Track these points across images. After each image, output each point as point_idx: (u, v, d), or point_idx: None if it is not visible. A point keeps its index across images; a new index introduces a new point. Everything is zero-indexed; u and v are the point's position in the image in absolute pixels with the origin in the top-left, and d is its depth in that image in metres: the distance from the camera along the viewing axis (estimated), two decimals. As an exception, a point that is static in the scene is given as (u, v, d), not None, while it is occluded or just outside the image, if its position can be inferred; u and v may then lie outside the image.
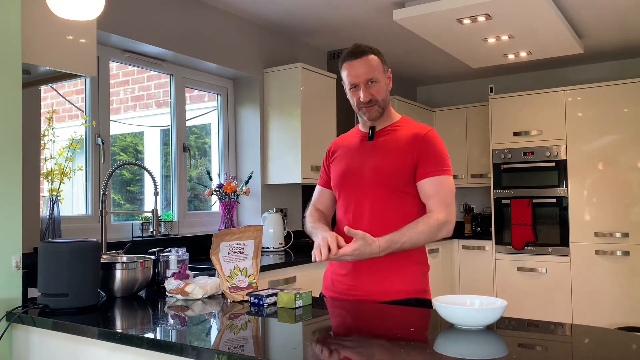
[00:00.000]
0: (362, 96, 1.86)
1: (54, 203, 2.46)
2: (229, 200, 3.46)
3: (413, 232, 1.75)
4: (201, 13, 3.38)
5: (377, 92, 1.87)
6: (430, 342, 1.32)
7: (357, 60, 1.86)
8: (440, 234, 1.79)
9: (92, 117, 2.94)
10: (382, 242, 1.71)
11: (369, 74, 1.85)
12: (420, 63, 4.99)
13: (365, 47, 1.88)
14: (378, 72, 1.87)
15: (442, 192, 1.81)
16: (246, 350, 1.26)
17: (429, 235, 1.77)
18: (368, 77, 1.85)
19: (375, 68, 1.86)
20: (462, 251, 4.98)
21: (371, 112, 1.89)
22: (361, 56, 1.86)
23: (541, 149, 4.62)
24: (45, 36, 1.92)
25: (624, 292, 4.24)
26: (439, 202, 1.80)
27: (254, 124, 3.84)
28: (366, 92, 1.86)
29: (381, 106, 1.89)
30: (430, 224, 1.76)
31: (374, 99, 1.87)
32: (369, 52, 1.87)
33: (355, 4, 3.50)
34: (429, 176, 1.82)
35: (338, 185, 1.97)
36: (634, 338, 1.33)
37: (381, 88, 1.88)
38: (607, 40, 4.34)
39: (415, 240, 1.76)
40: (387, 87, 1.91)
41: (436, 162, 1.82)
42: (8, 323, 1.74)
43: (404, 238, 1.74)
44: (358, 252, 1.69)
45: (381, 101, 1.88)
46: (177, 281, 1.99)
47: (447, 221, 1.79)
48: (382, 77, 1.88)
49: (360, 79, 1.86)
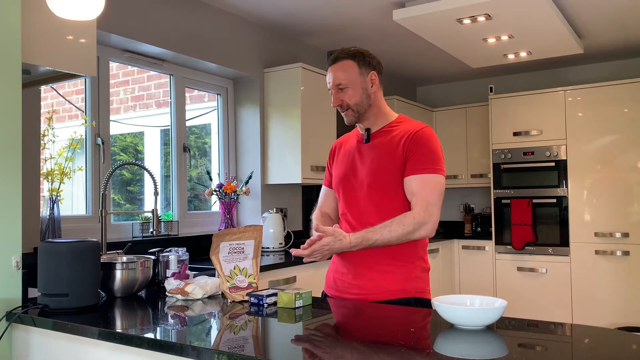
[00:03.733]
0: (332, 102, 1.92)
1: (54, 203, 2.46)
2: (229, 200, 3.46)
3: (386, 229, 1.76)
4: (201, 13, 3.38)
5: (348, 97, 1.89)
6: (430, 342, 1.32)
7: (332, 66, 1.92)
8: (417, 234, 1.77)
9: (92, 117, 2.94)
10: (352, 238, 1.75)
11: (337, 79, 1.89)
12: (420, 63, 4.99)
13: (341, 53, 1.91)
14: (349, 78, 1.88)
15: (425, 191, 1.78)
16: (246, 350, 1.26)
17: (402, 235, 1.76)
18: (336, 83, 1.89)
19: (346, 73, 1.88)
20: (462, 251, 4.98)
21: (347, 117, 1.93)
22: (335, 62, 1.91)
23: (541, 149, 4.62)
24: (45, 36, 1.92)
25: (624, 292, 4.24)
26: (420, 201, 1.78)
27: (254, 124, 3.84)
28: (335, 98, 1.91)
29: (355, 110, 1.90)
30: (405, 223, 1.75)
31: (345, 104, 1.90)
32: (343, 58, 1.90)
33: (355, 4, 3.50)
34: (414, 174, 1.80)
35: (337, 187, 1.99)
36: (634, 338, 1.33)
37: (353, 93, 1.88)
38: (607, 40, 4.33)
39: (388, 239, 1.76)
40: (364, 91, 1.89)
41: (424, 160, 1.80)
42: (8, 323, 1.74)
43: (376, 236, 1.76)
44: (328, 248, 1.75)
45: (353, 106, 1.89)
46: (177, 281, 1.99)
47: (424, 221, 1.76)
48: (355, 82, 1.88)
49: (331, 85, 1.91)
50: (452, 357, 1.17)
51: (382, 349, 1.24)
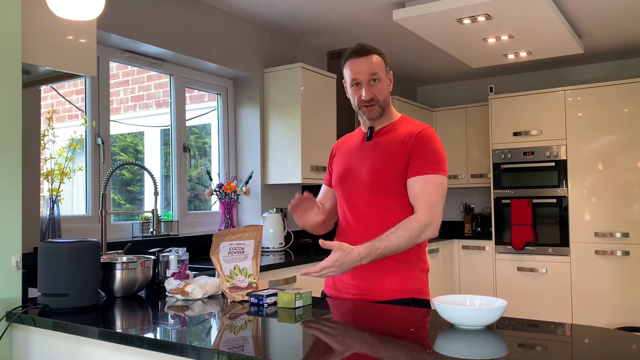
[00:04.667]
0: (364, 94, 1.86)
1: (54, 203, 2.46)
2: (229, 200, 3.46)
3: (394, 236, 1.73)
4: (201, 13, 3.39)
5: (379, 91, 1.88)
6: (430, 342, 1.32)
7: (361, 58, 1.87)
8: (424, 236, 1.77)
9: (92, 117, 2.94)
10: (361, 250, 1.70)
11: (372, 70, 1.85)
12: (420, 63, 4.99)
13: (369, 47, 1.90)
14: (381, 72, 1.88)
15: (428, 192, 1.79)
16: (246, 350, 1.26)
17: (410, 239, 1.74)
18: (371, 74, 1.85)
19: (378, 67, 1.87)
20: (462, 251, 4.98)
21: (371, 112, 1.89)
22: (365, 55, 1.87)
23: (541, 149, 4.62)
24: (45, 36, 1.92)
25: (624, 292, 4.24)
26: (423, 203, 1.78)
27: (254, 124, 3.84)
28: (368, 90, 1.86)
29: (381, 106, 1.89)
30: (411, 227, 1.74)
31: (376, 98, 1.87)
32: (373, 52, 1.88)
33: (355, 4, 3.50)
34: (417, 175, 1.80)
35: (337, 185, 1.98)
36: (634, 338, 1.33)
37: (383, 88, 1.89)
38: (607, 40, 4.34)
39: (396, 245, 1.73)
40: (388, 88, 1.92)
41: (427, 160, 1.81)
42: (8, 323, 1.74)
43: (384, 244, 1.72)
44: (339, 263, 1.67)
45: (382, 101, 1.89)
46: (177, 281, 1.99)
47: (430, 223, 1.76)
48: (384, 77, 1.89)
49: (364, 76, 1.86)
50: (452, 357, 1.17)
51: (382, 349, 1.24)
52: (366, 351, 1.24)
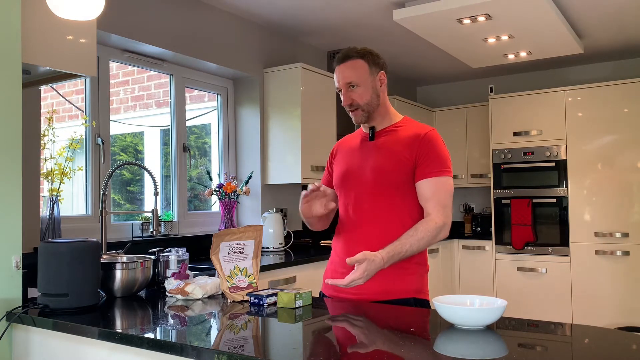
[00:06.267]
0: (342, 100, 1.91)
1: (54, 203, 2.46)
2: (229, 200, 3.46)
3: (414, 239, 1.78)
4: (201, 13, 3.39)
5: (359, 96, 1.89)
6: (431, 342, 1.32)
7: (341, 65, 1.91)
8: (439, 237, 1.83)
9: (92, 117, 2.94)
10: (384, 254, 1.74)
11: (348, 78, 1.88)
12: (420, 63, 4.99)
13: (351, 52, 1.91)
14: (360, 76, 1.88)
15: (440, 194, 1.82)
16: (246, 350, 1.26)
17: (429, 241, 1.80)
18: (347, 82, 1.88)
19: (358, 72, 1.88)
20: (462, 251, 4.98)
21: (356, 116, 1.92)
22: (345, 61, 1.90)
23: (541, 149, 4.62)
24: (45, 36, 1.92)
25: (624, 292, 4.24)
26: (436, 205, 1.81)
27: (254, 124, 3.84)
28: (346, 97, 1.90)
29: (365, 110, 1.90)
30: (429, 229, 1.79)
31: (355, 103, 1.89)
32: (353, 57, 1.90)
33: (355, 4, 3.50)
34: (427, 177, 1.83)
35: (339, 185, 1.98)
36: (634, 338, 1.33)
37: (363, 92, 1.89)
38: (607, 40, 4.34)
39: (417, 247, 1.79)
40: (373, 91, 1.90)
41: (435, 162, 1.83)
42: (8, 323, 1.74)
43: (405, 247, 1.77)
44: (367, 273, 1.72)
45: (364, 105, 1.89)
46: (177, 281, 1.99)
47: (444, 224, 1.82)
48: (365, 81, 1.89)
49: (341, 84, 1.90)
50: (452, 357, 1.17)
51: (382, 349, 1.24)
52: (365, 351, 1.24)
